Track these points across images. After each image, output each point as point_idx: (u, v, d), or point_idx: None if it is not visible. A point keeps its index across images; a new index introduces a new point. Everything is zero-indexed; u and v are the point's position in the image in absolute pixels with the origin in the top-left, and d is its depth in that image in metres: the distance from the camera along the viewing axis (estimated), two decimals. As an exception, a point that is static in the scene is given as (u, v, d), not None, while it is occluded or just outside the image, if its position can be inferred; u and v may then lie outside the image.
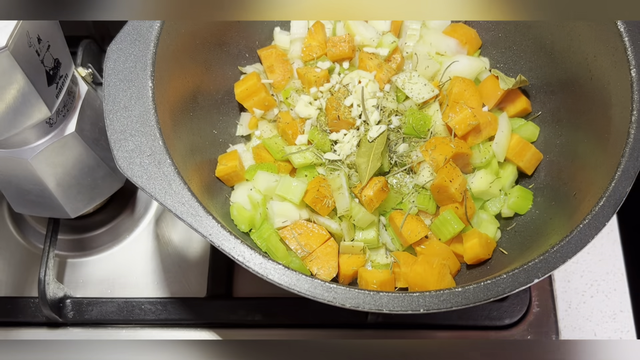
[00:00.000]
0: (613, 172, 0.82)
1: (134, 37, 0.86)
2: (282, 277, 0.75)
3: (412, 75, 1.03)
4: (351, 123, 0.99)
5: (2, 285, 1.11)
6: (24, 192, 1.00)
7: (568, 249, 0.78)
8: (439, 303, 0.75)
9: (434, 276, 0.89)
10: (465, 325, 1.06)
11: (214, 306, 1.07)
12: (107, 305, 1.07)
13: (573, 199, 0.90)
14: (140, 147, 0.81)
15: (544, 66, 1.03)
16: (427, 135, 1.00)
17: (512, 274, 0.77)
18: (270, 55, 1.08)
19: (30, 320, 1.07)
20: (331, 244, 0.96)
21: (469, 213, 0.97)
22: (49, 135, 0.93)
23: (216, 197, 0.97)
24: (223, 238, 0.78)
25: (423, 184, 0.97)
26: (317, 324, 1.07)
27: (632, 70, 0.86)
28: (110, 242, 1.15)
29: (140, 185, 0.79)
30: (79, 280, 1.12)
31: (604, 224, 0.79)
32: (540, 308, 1.07)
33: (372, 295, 0.75)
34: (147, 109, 0.83)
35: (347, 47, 1.06)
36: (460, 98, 1.02)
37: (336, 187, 0.94)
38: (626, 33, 0.87)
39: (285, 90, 1.07)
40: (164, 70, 0.88)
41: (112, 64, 0.85)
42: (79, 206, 1.05)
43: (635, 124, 0.83)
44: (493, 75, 1.06)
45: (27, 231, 1.16)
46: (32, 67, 0.81)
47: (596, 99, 0.92)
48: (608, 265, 1.14)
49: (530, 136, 1.04)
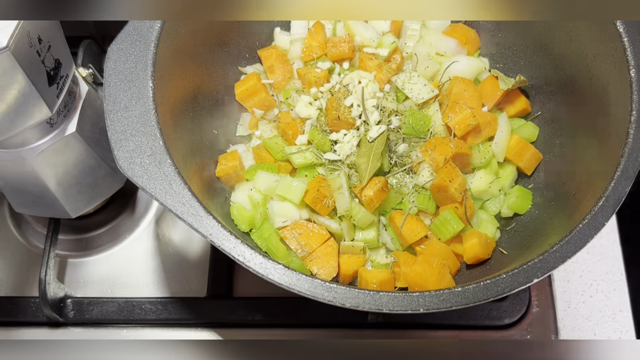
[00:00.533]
0: (612, 172, 0.82)
1: (134, 38, 0.87)
2: (283, 277, 0.76)
3: (412, 76, 1.03)
4: (351, 123, 0.99)
5: (3, 285, 1.11)
6: (24, 192, 1.01)
7: (567, 249, 0.78)
8: (439, 303, 0.75)
9: (433, 276, 0.89)
10: (465, 325, 1.07)
11: (214, 306, 1.07)
12: (108, 305, 1.07)
13: (572, 199, 0.90)
14: (140, 147, 0.81)
15: (544, 66, 1.03)
16: (427, 136, 1.00)
17: (511, 274, 0.77)
18: (271, 55, 1.08)
19: (31, 320, 1.07)
20: (331, 244, 0.96)
21: (469, 213, 0.97)
22: (50, 135, 0.93)
23: (216, 197, 0.97)
24: (223, 238, 0.78)
25: (423, 184, 0.97)
26: (317, 323, 1.07)
27: (631, 70, 0.86)
28: (110, 242, 1.15)
29: (140, 185, 0.80)
30: (79, 280, 1.12)
31: (603, 224, 0.79)
32: (540, 308, 1.07)
33: (372, 295, 0.75)
34: (147, 109, 0.83)
35: (347, 48, 1.06)
36: (459, 98, 1.02)
37: (336, 187, 0.94)
38: (625, 33, 0.87)
39: (286, 90, 1.07)
40: (165, 70, 0.88)
41: (112, 64, 0.85)
42: (80, 206, 1.05)
43: (634, 124, 0.84)
44: (493, 76, 1.06)
45: (28, 231, 1.16)
46: (32, 67, 0.81)
47: (595, 99, 0.92)
48: (607, 265, 1.14)
49: (529, 136, 1.04)
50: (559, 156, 1.00)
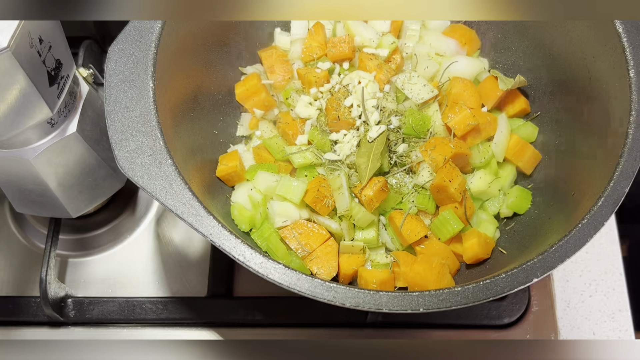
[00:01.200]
0: (611, 172, 0.82)
1: (135, 38, 0.87)
2: (283, 277, 0.76)
3: (411, 76, 1.04)
4: (351, 123, 0.99)
5: (4, 284, 1.11)
6: (25, 192, 1.01)
7: (567, 249, 0.78)
8: (439, 302, 0.75)
9: (433, 275, 0.89)
10: (465, 324, 1.07)
11: (214, 305, 1.08)
12: (108, 305, 1.07)
13: (572, 199, 0.90)
14: (141, 147, 0.81)
15: (543, 67, 1.03)
16: (427, 136, 1.00)
17: (511, 274, 0.77)
18: (271, 55, 1.09)
19: (31, 320, 1.08)
20: (331, 244, 0.96)
21: (468, 213, 0.97)
22: (51, 135, 0.94)
23: (217, 197, 0.97)
24: (224, 238, 0.78)
25: (422, 184, 0.97)
26: (317, 323, 1.07)
27: (630, 70, 0.86)
28: (111, 242, 1.15)
29: (141, 185, 0.80)
30: (80, 279, 1.12)
31: (602, 224, 0.79)
32: (539, 307, 1.08)
33: (372, 295, 0.75)
34: (148, 110, 0.83)
35: (347, 48, 1.06)
36: (459, 98, 1.02)
37: (336, 187, 0.94)
38: (624, 34, 0.87)
39: (286, 90, 1.07)
40: (165, 70, 0.88)
41: (113, 65, 0.85)
42: (80, 206, 1.06)
43: (633, 124, 0.84)
44: (492, 76, 1.06)
45: (29, 231, 1.16)
46: (33, 67, 0.81)
47: (595, 99, 0.92)
48: (607, 264, 1.14)
49: (529, 136, 1.05)
50: (558, 156, 1.00)
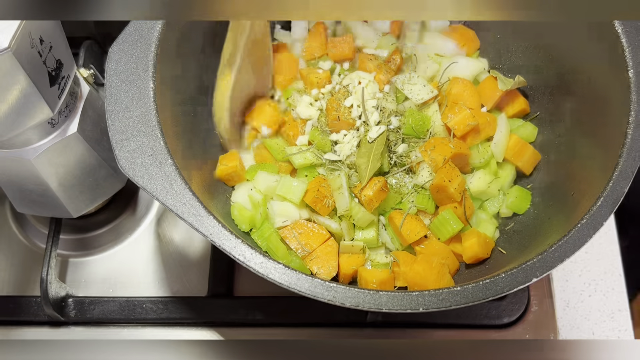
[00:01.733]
0: (611, 172, 0.82)
1: (135, 38, 0.87)
2: (283, 277, 0.76)
3: (411, 76, 1.04)
4: (351, 124, 1.00)
5: (5, 284, 1.12)
6: (26, 192, 1.01)
7: (566, 249, 0.78)
8: (438, 302, 0.75)
9: (433, 275, 0.89)
10: (464, 324, 1.07)
11: (214, 305, 1.08)
12: (109, 305, 1.08)
13: (571, 199, 0.90)
14: (141, 148, 0.82)
15: (542, 67, 1.03)
16: (427, 136, 1.01)
17: (510, 273, 0.77)
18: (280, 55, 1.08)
19: (32, 319, 1.08)
20: (331, 244, 0.96)
21: (468, 213, 0.97)
22: (51, 135, 0.94)
23: (217, 197, 0.97)
24: (224, 238, 0.78)
25: (422, 184, 0.97)
26: (317, 323, 1.07)
27: (629, 71, 0.86)
28: (111, 242, 1.15)
29: (141, 185, 0.80)
30: (80, 279, 1.12)
31: (601, 224, 0.79)
32: (539, 307, 1.08)
33: (372, 295, 0.75)
34: (148, 110, 0.83)
35: (347, 48, 1.06)
36: (459, 99, 1.02)
37: (336, 187, 0.95)
38: (624, 34, 0.87)
39: (287, 90, 1.07)
40: (165, 71, 0.88)
41: (113, 65, 0.85)
42: (81, 206, 1.06)
43: (632, 124, 0.84)
44: (492, 76, 1.06)
45: (30, 231, 1.17)
46: (34, 68, 0.81)
47: (594, 99, 0.93)
48: (606, 264, 1.15)
49: (528, 136, 1.05)
50: (558, 156, 1.00)
